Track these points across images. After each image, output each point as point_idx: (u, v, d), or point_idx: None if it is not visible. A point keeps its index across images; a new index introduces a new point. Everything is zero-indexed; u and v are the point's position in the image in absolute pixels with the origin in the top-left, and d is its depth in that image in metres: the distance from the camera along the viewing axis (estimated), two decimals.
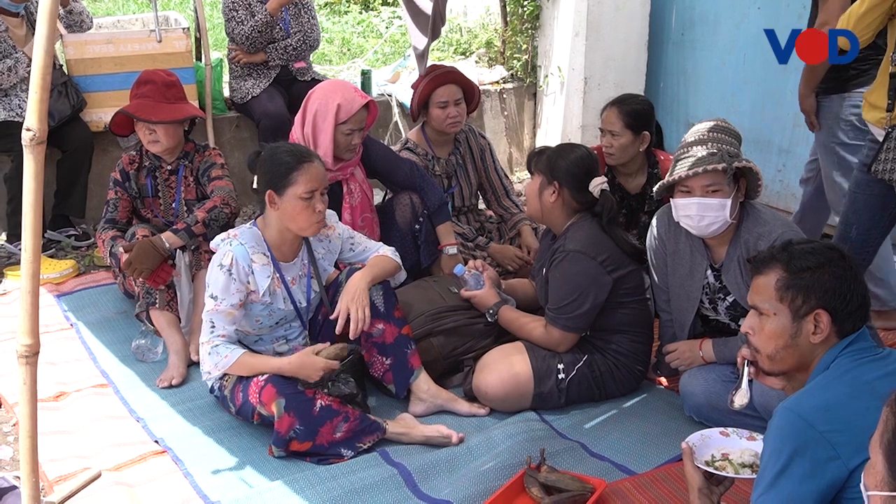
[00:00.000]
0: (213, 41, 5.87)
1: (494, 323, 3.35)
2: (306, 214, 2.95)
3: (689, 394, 3.06)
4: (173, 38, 4.82)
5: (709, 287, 3.04)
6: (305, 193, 2.92)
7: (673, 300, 3.16)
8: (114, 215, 3.79)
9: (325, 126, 3.56)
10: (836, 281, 1.99)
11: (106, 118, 4.33)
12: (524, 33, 6.28)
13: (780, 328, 2.07)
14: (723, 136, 2.89)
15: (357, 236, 3.31)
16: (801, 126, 5.15)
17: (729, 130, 2.93)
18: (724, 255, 2.96)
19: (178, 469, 2.84)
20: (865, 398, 1.91)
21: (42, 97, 2.01)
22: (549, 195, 3.17)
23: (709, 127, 2.93)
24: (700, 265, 3.03)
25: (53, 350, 3.54)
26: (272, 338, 3.16)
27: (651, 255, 3.21)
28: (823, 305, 2.00)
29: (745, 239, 2.89)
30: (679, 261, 3.09)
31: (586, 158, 3.18)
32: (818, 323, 2.01)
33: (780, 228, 2.84)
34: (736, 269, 2.91)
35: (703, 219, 2.88)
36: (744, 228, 2.91)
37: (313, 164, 2.97)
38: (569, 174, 3.14)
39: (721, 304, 3.04)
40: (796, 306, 2.04)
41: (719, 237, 2.95)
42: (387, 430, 2.94)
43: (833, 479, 1.84)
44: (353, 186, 3.74)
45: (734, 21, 5.36)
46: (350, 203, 3.72)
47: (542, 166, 3.20)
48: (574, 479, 2.68)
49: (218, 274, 2.95)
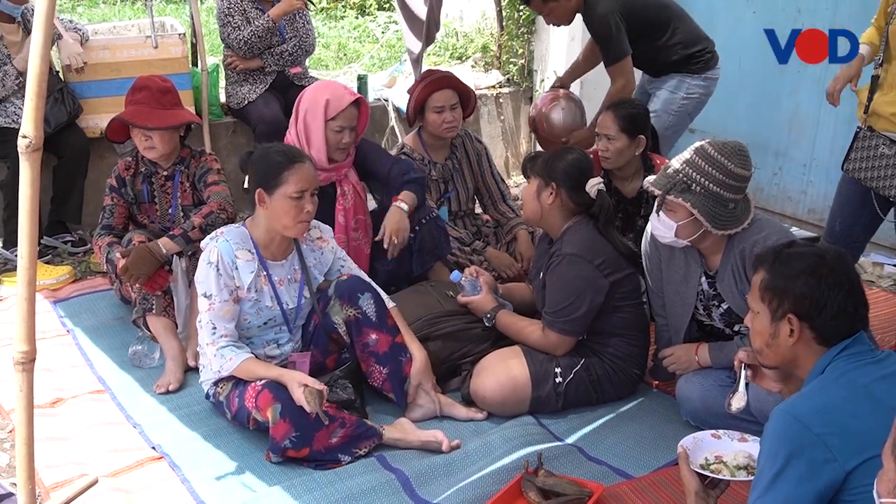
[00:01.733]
0: (209, 47, 5.88)
1: (492, 327, 3.35)
2: (293, 214, 2.95)
3: (685, 398, 3.06)
4: (169, 44, 4.82)
5: (703, 294, 3.04)
6: (295, 193, 2.93)
7: (668, 306, 3.17)
8: (110, 221, 3.78)
9: (315, 124, 3.58)
10: (809, 289, 2.00)
11: (102, 124, 4.32)
12: (520, 38, 6.28)
13: (762, 327, 2.10)
14: (706, 164, 2.79)
15: (348, 261, 3.32)
16: (796, 129, 5.18)
17: (718, 163, 2.78)
18: (719, 263, 2.96)
19: (175, 475, 2.83)
20: (862, 401, 1.91)
21: (38, 104, 2.01)
22: (546, 196, 3.18)
23: (706, 149, 2.83)
24: (694, 272, 3.03)
25: (50, 356, 3.53)
26: (262, 341, 3.15)
27: (646, 261, 3.22)
28: (794, 311, 2.02)
29: (740, 248, 2.88)
30: (674, 267, 3.09)
31: (582, 160, 3.21)
32: (792, 326, 2.03)
33: (775, 236, 2.83)
34: (730, 278, 2.91)
35: (657, 229, 2.97)
36: (738, 238, 2.89)
37: (304, 165, 2.98)
38: (566, 175, 3.15)
39: (715, 311, 3.04)
40: (773, 308, 2.06)
41: (712, 246, 2.94)
42: (383, 436, 2.93)
43: (830, 481, 1.84)
44: (347, 188, 3.74)
45: (729, 25, 5.37)
46: (343, 205, 3.72)
47: (538, 169, 3.22)
48: (571, 484, 2.68)
49: (207, 271, 2.96)
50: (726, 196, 2.81)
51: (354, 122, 3.65)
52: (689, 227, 2.87)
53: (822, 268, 2.02)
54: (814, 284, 2.00)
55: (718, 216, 2.82)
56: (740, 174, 2.81)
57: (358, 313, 3.12)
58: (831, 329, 2.01)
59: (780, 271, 2.06)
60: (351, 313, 3.12)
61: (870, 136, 3.24)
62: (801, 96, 5.11)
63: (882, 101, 3.20)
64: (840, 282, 2.00)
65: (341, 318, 3.14)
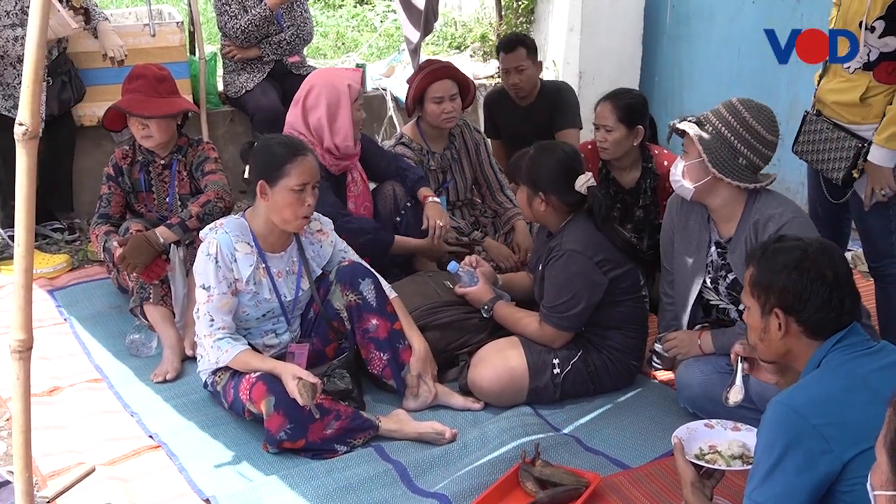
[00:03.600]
0: (207, 35, 5.85)
1: (490, 317, 3.35)
2: (294, 207, 2.95)
3: (685, 384, 3.05)
4: (167, 33, 4.79)
5: (712, 265, 3.04)
6: (297, 186, 2.92)
7: (677, 275, 3.14)
8: (107, 210, 3.77)
9: (343, 111, 3.58)
10: (792, 283, 2.03)
11: (99, 112, 4.29)
12: (519, 27, 6.26)
13: (754, 321, 2.14)
14: (724, 110, 2.88)
15: (349, 251, 3.30)
16: (795, 120, 5.13)
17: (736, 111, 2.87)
18: (733, 231, 2.94)
19: (172, 464, 2.83)
20: (859, 392, 1.92)
21: (34, 91, 2.00)
22: (538, 205, 3.17)
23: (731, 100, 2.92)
24: (705, 240, 3.03)
25: (47, 345, 3.52)
26: (261, 331, 3.15)
27: (663, 237, 3.22)
28: (779, 305, 2.06)
29: (755, 219, 2.87)
30: (687, 237, 3.08)
31: (565, 159, 3.16)
32: (779, 321, 2.06)
33: (790, 213, 2.83)
34: (741, 249, 2.89)
35: (673, 175, 2.99)
36: (755, 209, 2.89)
37: (307, 158, 2.97)
38: (551, 181, 3.13)
39: (722, 283, 3.03)
40: (762, 303, 2.10)
41: (725, 213, 2.95)
42: (380, 428, 2.93)
43: (826, 472, 1.85)
44: (356, 175, 3.78)
45: (729, 15, 5.36)
46: (354, 192, 3.75)
47: (524, 178, 3.21)
48: (568, 474, 2.68)
49: (206, 263, 2.95)
50: (737, 147, 2.84)
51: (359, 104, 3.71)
52: (696, 168, 2.88)
53: (804, 262, 2.05)
54: (796, 278, 2.03)
55: (723, 160, 2.84)
56: (757, 130, 2.85)
57: (358, 298, 3.12)
58: (818, 322, 2.04)
59: (765, 266, 2.10)
60: (351, 298, 3.12)
61: (816, 119, 3.26)
62: (800, 87, 5.08)
63: (826, 89, 3.20)
64: (823, 275, 2.02)
65: (342, 304, 3.14)
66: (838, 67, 3.13)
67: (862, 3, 2.97)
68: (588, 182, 3.12)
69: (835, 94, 3.16)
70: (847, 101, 3.10)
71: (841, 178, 3.14)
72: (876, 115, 3.04)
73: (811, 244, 2.10)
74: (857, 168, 3.08)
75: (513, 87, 4.51)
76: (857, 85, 3.06)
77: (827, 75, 3.22)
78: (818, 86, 3.26)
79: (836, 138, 3.15)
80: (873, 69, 3.02)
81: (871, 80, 3.02)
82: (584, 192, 3.12)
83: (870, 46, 2.98)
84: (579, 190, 3.12)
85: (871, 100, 3.04)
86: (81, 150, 4.82)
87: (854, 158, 3.08)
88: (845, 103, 3.12)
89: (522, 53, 4.45)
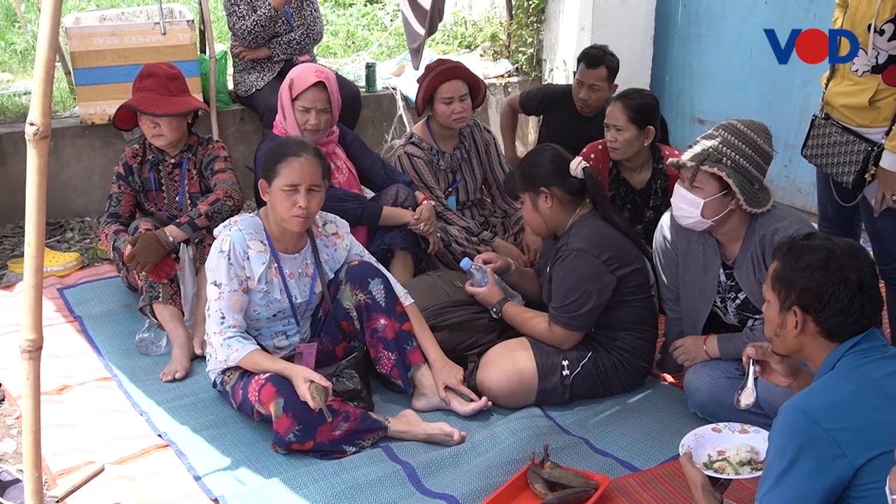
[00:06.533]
0: (217, 34, 5.86)
1: (499, 318, 3.34)
2: (286, 206, 2.95)
3: (693, 389, 3.05)
4: (178, 31, 4.80)
5: (721, 286, 3.03)
6: (286, 186, 2.93)
7: (684, 299, 3.14)
8: (117, 209, 3.78)
9: (286, 103, 3.66)
10: (815, 283, 2.01)
11: (110, 111, 4.31)
12: (529, 27, 6.25)
13: (772, 315, 2.13)
14: (735, 139, 2.84)
15: (366, 253, 3.32)
16: (807, 121, 5.12)
17: (748, 138, 2.85)
18: (738, 251, 2.94)
19: (181, 463, 2.84)
20: (872, 396, 1.91)
21: (46, 90, 2.01)
22: (544, 203, 3.17)
23: (735, 125, 2.88)
24: (714, 263, 3.01)
25: (57, 343, 3.54)
26: (271, 332, 3.15)
27: (659, 255, 3.20)
28: (799, 303, 2.04)
29: (760, 235, 2.87)
30: (692, 260, 3.07)
31: (554, 152, 3.24)
32: (797, 318, 2.05)
33: (796, 225, 2.82)
34: (749, 266, 2.89)
35: (679, 210, 2.94)
36: (758, 225, 2.88)
37: (299, 158, 2.96)
38: (549, 174, 3.16)
39: (731, 304, 3.02)
40: (782, 298, 2.09)
41: (731, 234, 2.93)
42: (388, 429, 2.93)
43: (839, 477, 1.84)
44: (339, 163, 3.80)
45: (740, 15, 5.33)
46: (338, 179, 3.77)
47: (522, 185, 3.22)
48: (577, 476, 2.67)
49: (219, 260, 2.96)
50: (753, 173, 2.84)
51: (320, 105, 3.61)
52: (717, 204, 2.85)
53: (830, 263, 2.02)
54: (819, 279, 2.01)
55: (747, 192, 2.83)
56: (767, 151, 2.87)
57: (367, 298, 3.12)
58: (836, 325, 2.02)
59: (790, 263, 2.07)
60: (361, 298, 3.12)
61: (824, 123, 3.23)
62: (812, 88, 5.06)
63: (834, 92, 3.18)
64: (847, 278, 2.00)
65: (352, 303, 3.14)
66: (846, 70, 3.11)
67: (871, 6, 2.94)
68: (581, 164, 3.14)
69: (843, 98, 3.14)
70: (856, 104, 3.08)
71: (851, 182, 3.12)
72: (885, 118, 3.02)
73: (839, 245, 2.07)
74: (869, 172, 3.06)
75: (580, 100, 4.45)
76: (866, 88, 3.04)
77: (835, 78, 3.20)
78: (826, 89, 3.24)
79: (845, 142, 3.13)
80: (882, 72, 2.99)
81: (880, 83, 3.00)
82: (581, 176, 3.13)
83: (878, 49, 2.96)
84: (575, 175, 3.12)
85: (880, 103, 3.02)
86: (91, 149, 4.83)
87: (864, 162, 3.06)
88: (854, 106, 3.09)
89: (602, 74, 4.35)
